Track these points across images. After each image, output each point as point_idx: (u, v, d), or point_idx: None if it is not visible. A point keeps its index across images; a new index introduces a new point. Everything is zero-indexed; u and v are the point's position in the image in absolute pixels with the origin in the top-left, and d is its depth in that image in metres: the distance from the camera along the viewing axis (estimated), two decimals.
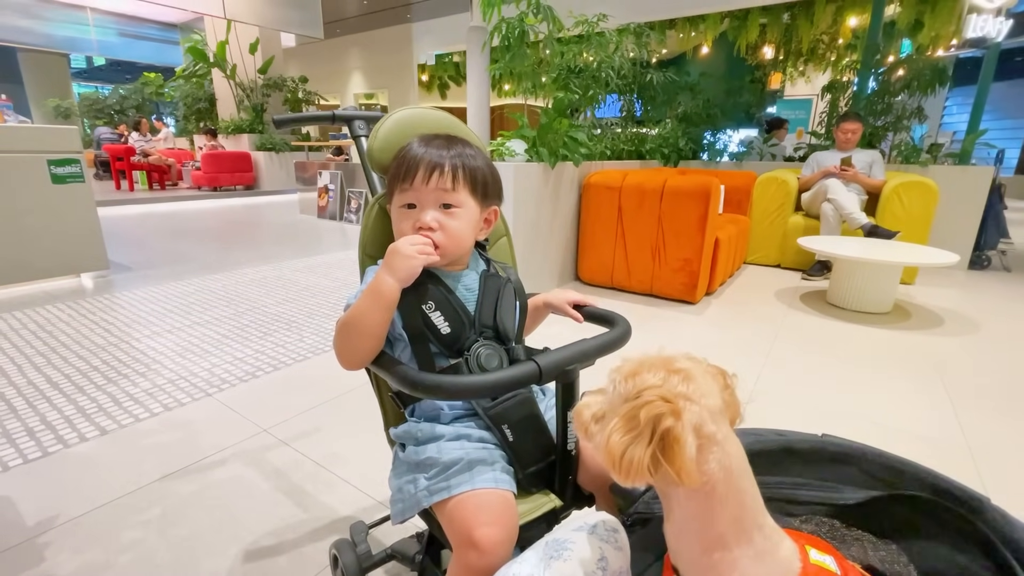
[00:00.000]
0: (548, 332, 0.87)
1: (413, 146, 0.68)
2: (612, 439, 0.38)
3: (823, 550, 0.44)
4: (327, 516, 1.14)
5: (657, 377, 0.40)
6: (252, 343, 2.10)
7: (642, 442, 0.37)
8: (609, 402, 0.43)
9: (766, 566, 0.40)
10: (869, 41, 4.37)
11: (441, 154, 0.67)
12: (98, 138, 9.31)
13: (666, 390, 0.39)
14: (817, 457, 0.59)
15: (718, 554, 0.40)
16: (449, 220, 0.67)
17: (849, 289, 2.69)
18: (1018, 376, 1.93)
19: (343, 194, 5.58)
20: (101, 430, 1.45)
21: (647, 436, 0.37)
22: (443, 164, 0.66)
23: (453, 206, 0.67)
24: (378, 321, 0.61)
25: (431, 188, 0.66)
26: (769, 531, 0.42)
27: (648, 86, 4.18)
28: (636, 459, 0.37)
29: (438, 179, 0.66)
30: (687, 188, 2.60)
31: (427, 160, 0.66)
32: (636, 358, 0.43)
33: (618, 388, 0.42)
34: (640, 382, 0.40)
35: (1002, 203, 3.71)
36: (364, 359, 0.62)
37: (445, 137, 0.71)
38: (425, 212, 0.66)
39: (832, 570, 0.42)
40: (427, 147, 0.68)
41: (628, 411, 0.39)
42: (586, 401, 0.44)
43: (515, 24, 2.90)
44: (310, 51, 12.44)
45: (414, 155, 0.67)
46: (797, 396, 1.74)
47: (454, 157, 0.67)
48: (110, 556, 1.02)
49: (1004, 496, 1.23)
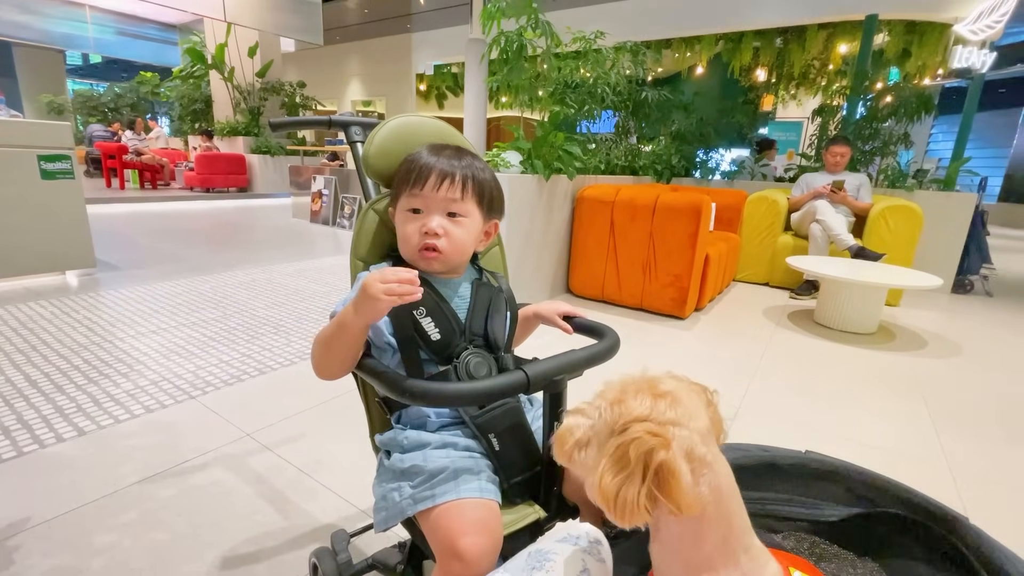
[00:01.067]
0: (537, 343, 0.87)
1: (424, 153, 0.69)
2: (604, 481, 0.36)
3: (806, 572, 0.44)
4: (308, 524, 1.12)
5: (643, 404, 0.39)
6: (239, 346, 2.07)
7: (635, 481, 0.36)
8: (593, 428, 0.42)
9: None
10: (858, 68, 4.49)
11: (453, 164, 0.68)
12: (90, 135, 9.23)
13: (653, 421, 0.38)
14: (800, 473, 0.59)
15: (705, 575, 0.40)
16: (454, 228, 0.68)
17: (836, 309, 2.73)
18: (998, 398, 1.96)
19: (337, 199, 5.57)
20: (79, 431, 1.42)
21: (639, 474, 0.36)
22: (455, 173, 0.68)
23: (459, 215, 0.69)
24: (345, 348, 0.62)
25: (440, 196, 0.67)
26: (755, 552, 0.42)
27: (643, 103, 4.24)
28: (631, 499, 0.36)
29: (448, 187, 0.67)
30: (679, 205, 2.63)
31: (439, 168, 0.67)
32: (619, 382, 0.42)
33: (603, 415, 0.41)
34: (626, 411, 0.39)
35: (984, 229, 3.79)
36: (335, 374, 0.64)
37: (455, 148, 0.72)
38: (431, 218, 0.67)
39: None
40: (439, 156, 0.69)
41: (617, 450, 0.37)
42: (569, 426, 0.43)
43: (514, 38, 2.93)
44: (309, 56, 12.48)
45: (426, 162, 0.68)
46: (783, 413, 1.75)
47: (465, 168, 0.69)
48: (82, 560, 0.99)
49: (982, 515, 1.24)
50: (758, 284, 3.80)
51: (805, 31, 7.10)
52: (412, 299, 0.55)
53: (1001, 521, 1.25)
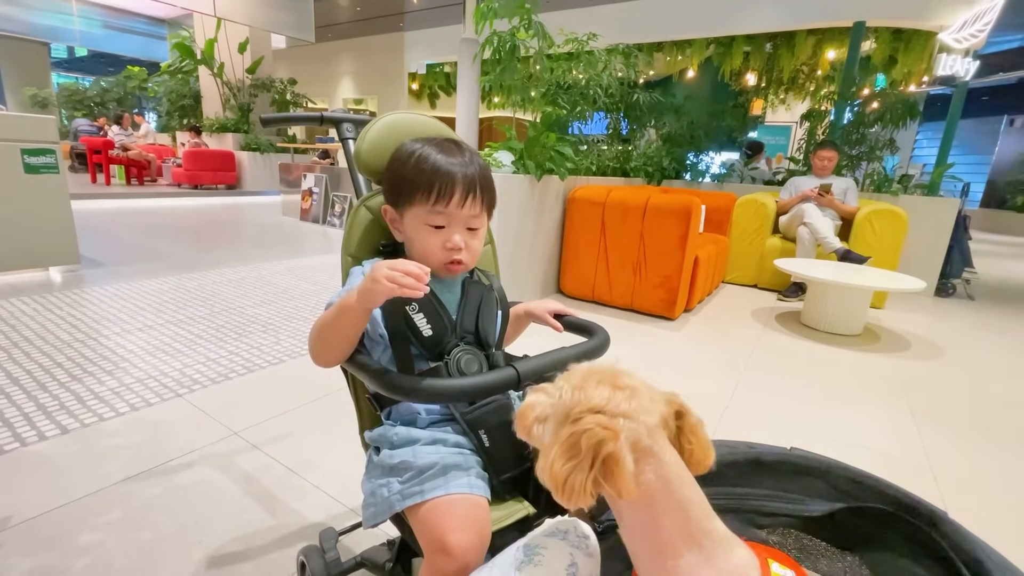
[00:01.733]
0: (529, 343, 0.87)
1: (435, 155, 0.67)
2: (555, 467, 0.39)
3: (786, 564, 0.45)
4: (296, 522, 1.11)
5: (602, 394, 0.40)
6: (227, 344, 2.05)
7: (584, 469, 0.38)
8: (553, 407, 0.43)
9: (718, 571, 0.41)
10: (846, 74, 4.56)
11: (471, 173, 0.67)
12: (76, 130, 9.09)
13: (606, 413, 0.39)
14: (785, 469, 0.60)
15: (671, 561, 0.41)
16: (472, 240, 0.70)
17: (822, 311, 2.76)
18: (978, 399, 2.00)
19: (327, 198, 5.54)
20: (62, 428, 1.39)
21: (588, 462, 0.38)
22: (476, 187, 0.67)
23: (477, 228, 0.70)
24: (342, 334, 0.61)
25: (465, 213, 0.68)
26: (719, 536, 0.43)
27: (635, 105, 4.27)
28: (578, 484, 0.38)
29: (471, 204, 0.68)
30: (669, 206, 2.65)
31: (462, 181, 0.66)
32: (585, 368, 0.44)
33: (563, 397, 0.42)
34: (584, 398, 0.40)
35: (967, 234, 3.87)
36: (332, 361, 0.64)
37: (454, 144, 0.71)
38: (455, 233, 0.68)
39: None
40: (452, 160, 0.67)
41: (570, 438, 0.39)
42: (530, 402, 0.45)
43: (507, 38, 2.94)
44: (300, 54, 12.39)
45: (448, 171, 0.66)
46: (770, 413, 1.77)
47: (480, 175, 0.69)
48: (65, 560, 0.97)
49: (962, 511, 1.27)
50: (746, 286, 3.84)
51: (795, 37, 7.19)
52: (413, 295, 0.54)
53: (979, 517, 1.28)
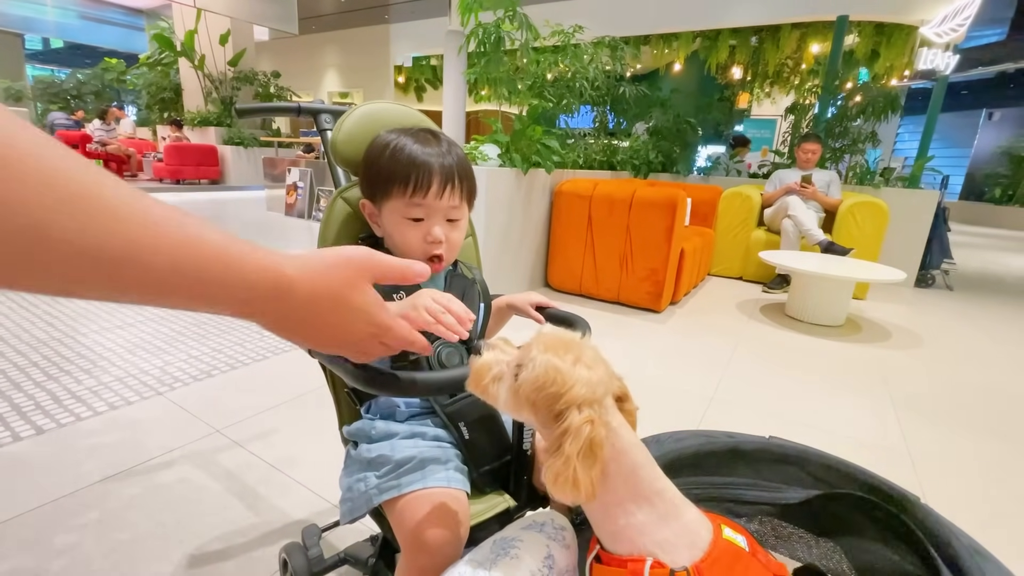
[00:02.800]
0: (514, 338, 0.87)
1: (411, 146, 0.65)
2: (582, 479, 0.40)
3: (736, 530, 0.46)
4: (279, 520, 1.10)
5: (580, 377, 0.42)
6: (209, 340, 2.02)
7: (596, 465, 0.40)
8: (509, 366, 0.45)
9: (671, 528, 0.43)
10: (829, 67, 4.60)
11: (449, 163, 0.65)
12: (52, 124, 8.85)
13: (590, 403, 0.41)
14: (762, 457, 0.61)
15: (623, 520, 0.43)
16: (452, 232, 0.68)
17: (806, 302, 2.80)
18: (957, 387, 2.04)
19: (312, 192, 5.47)
20: (37, 429, 1.36)
21: (597, 459, 0.41)
22: (454, 177, 0.65)
23: (457, 219, 0.68)
24: None
25: (443, 204, 0.66)
26: (670, 496, 0.45)
27: (621, 98, 4.26)
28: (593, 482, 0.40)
29: (450, 195, 0.66)
30: (655, 199, 2.66)
31: (439, 172, 0.64)
32: (549, 335, 0.45)
33: (535, 369, 0.43)
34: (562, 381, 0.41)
35: (946, 226, 3.94)
36: None
37: (431, 133, 0.69)
38: (434, 226, 0.66)
39: (741, 547, 0.44)
40: (428, 150, 0.65)
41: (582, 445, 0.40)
42: (486, 361, 0.46)
43: (491, 30, 2.91)
44: (284, 46, 12.19)
45: (424, 162, 0.64)
46: (753, 403, 1.79)
47: (458, 165, 0.67)
48: (41, 562, 0.95)
49: (939, 498, 1.30)
50: (732, 278, 3.88)
51: (780, 30, 7.24)
52: (448, 337, 0.52)
53: (955, 502, 1.31)
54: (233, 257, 0.29)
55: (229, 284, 0.29)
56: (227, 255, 0.29)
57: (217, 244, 0.29)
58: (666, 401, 1.76)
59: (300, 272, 0.32)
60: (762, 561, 0.45)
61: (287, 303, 0.32)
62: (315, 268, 0.33)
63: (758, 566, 0.44)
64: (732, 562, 0.43)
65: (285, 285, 0.31)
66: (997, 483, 1.41)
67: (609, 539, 0.45)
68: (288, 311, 0.32)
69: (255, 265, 0.30)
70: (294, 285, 0.32)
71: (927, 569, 0.47)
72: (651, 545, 0.43)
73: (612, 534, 0.44)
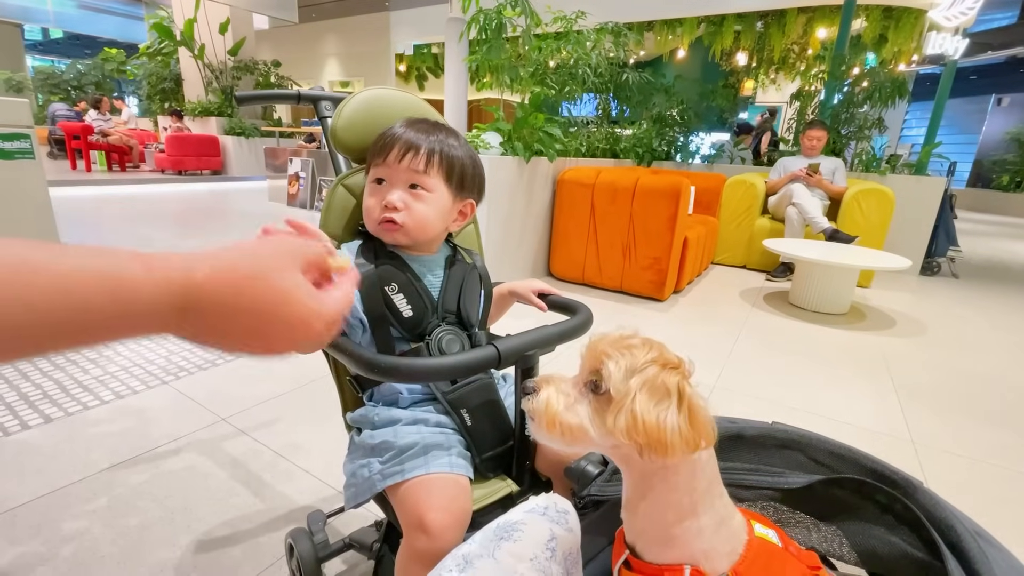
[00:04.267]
0: (517, 325, 0.87)
1: (396, 126, 0.68)
2: (646, 415, 0.36)
3: (766, 525, 0.46)
4: (285, 506, 1.11)
5: (645, 350, 0.39)
6: None
7: (675, 409, 0.36)
8: (576, 387, 0.42)
9: (722, 535, 0.42)
10: (836, 52, 4.52)
11: (420, 137, 0.66)
12: (53, 114, 8.84)
13: (662, 364, 0.38)
14: (765, 443, 0.60)
15: (688, 522, 0.41)
16: (416, 203, 0.66)
17: (810, 290, 2.79)
18: (960, 375, 2.04)
19: (314, 182, 5.46)
20: (45, 418, 1.38)
21: (676, 402, 0.37)
22: (420, 146, 0.66)
23: (422, 188, 0.66)
24: None
25: (403, 167, 0.65)
26: (727, 499, 0.44)
27: (624, 86, 4.22)
28: (674, 426, 0.36)
29: (411, 159, 0.65)
30: (658, 187, 2.64)
31: (404, 139, 0.66)
32: (602, 337, 0.42)
33: (618, 366, 0.39)
34: (632, 359, 0.39)
35: (952, 213, 3.90)
36: None
37: (431, 122, 0.70)
38: (393, 191, 0.66)
39: (774, 542, 0.43)
40: (408, 128, 0.67)
41: (646, 384, 0.37)
42: (549, 394, 0.41)
43: (493, 16, 2.88)
44: (284, 35, 12.09)
45: (393, 133, 0.67)
46: (756, 391, 1.79)
47: (433, 142, 0.67)
48: (50, 547, 0.97)
49: (941, 482, 1.30)
50: (735, 267, 3.86)
51: (785, 15, 7.12)
52: None
53: (959, 488, 1.31)
54: (123, 280, 0.26)
55: (124, 312, 0.26)
56: (113, 281, 0.26)
57: (99, 272, 0.25)
58: None
59: (213, 270, 0.29)
60: (794, 554, 0.44)
61: (200, 306, 0.28)
62: (230, 259, 0.30)
63: (792, 560, 0.43)
64: (768, 560, 0.42)
65: (194, 291, 0.28)
66: (1000, 470, 1.41)
67: (653, 545, 0.42)
68: (204, 316, 0.29)
69: (151, 282, 0.27)
70: (204, 287, 0.28)
71: (930, 552, 0.47)
72: (699, 553, 0.40)
73: (660, 540, 0.41)
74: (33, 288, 0.23)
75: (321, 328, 0.33)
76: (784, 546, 0.44)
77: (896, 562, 0.50)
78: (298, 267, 0.33)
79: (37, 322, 0.23)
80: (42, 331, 0.24)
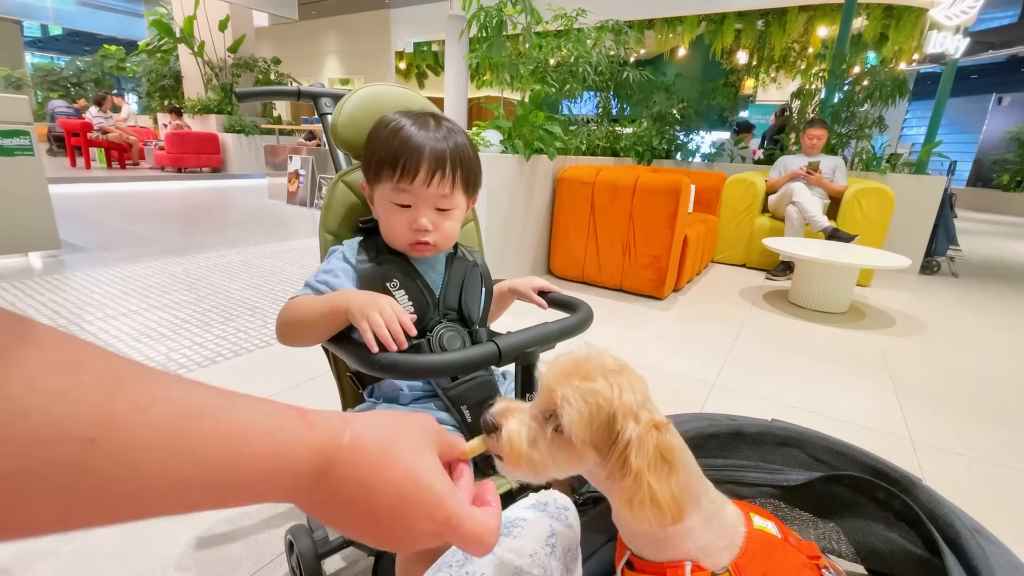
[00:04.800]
0: (518, 324, 0.87)
1: (407, 128, 0.64)
2: (663, 493, 0.37)
3: (765, 517, 0.46)
4: (285, 503, 1.11)
5: (622, 388, 0.39)
6: (213, 328, 2.03)
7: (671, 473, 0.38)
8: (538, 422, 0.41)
9: (714, 530, 0.42)
10: (837, 51, 4.52)
11: (441, 148, 0.63)
12: (52, 111, 8.82)
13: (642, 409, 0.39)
14: (765, 440, 0.61)
15: (677, 524, 0.41)
16: (444, 221, 0.67)
17: (809, 289, 2.79)
18: (960, 374, 2.04)
19: (314, 180, 5.45)
20: None
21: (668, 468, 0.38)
22: (445, 164, 0.63)
23: (449, 209, 0.67)
24: (326, 332, 0.61)
25: (431, 192, 0.64)
26: (713, 495, 0.44)
27: (624, 84, 4.21)
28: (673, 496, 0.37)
29: (439, 183, 0.64)
30: (658, 186, 2.64)
31: (429, 157, 0.62)
32: (559, 366, 0.41)
33: (568, 407, 0.38)
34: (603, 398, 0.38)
35: (952, 212, 3.90)
36: (303, 346, 0.64)
37: (434, 117, 0.67)
38: (421, 214, 0.65)
39: (774, 534, 0.44)
40: (423, 133, 0.63)
41: (652, 461, 0.37)
42: (512, 431, 0.40)
43: (494, 14, 2.87)
44: (284, 32, 12.07)
45: (415, 146, 0.62)
46: (756, 389, 1.79)
47: (453, 151, 0.64)
48: (53, 544, 0.97)
49: (940, 480, 1.30)
50: (735, 265, 3.86)
51: (786, 13, 7.12)
52: (388, 344, 0.53)
53: (957, 486, 1.31)
54: (284, 438, 0.25)
55: (275, 475, 0.24)
56: (277, 436, 0.24)
57: (264, 430, 0.24)
58: (669, 387, 1.77)
59: (363, 429, 0.28)
60: (794, 544, 0.45)
61: (339, 472, 0.27)
62: (377, 423, 0.29)
63: (792, 551, 0.43)
64: (768, 552, 0.42)
65: (339, 453, 0.27)
66: (999, 468, 1.41)
67: (648, 546, 0.43)
68: (341, 486, 0.27)
69: (304, 442, 0.26)
70: (348, 452, 0.27)
71: (928, 549, 0.47)
72: (695, 551, 0.41)
73: (654, 541, 0.42)
74: (204, 442, 0.20)
75: (441, 519, 0.29)
76: (784, 537, 0.44)
77: (894, 558, 0.50)
78: (433, 449, 0.31)
79: (196, 478, 0.20)
80: (192, 490, 0.20)
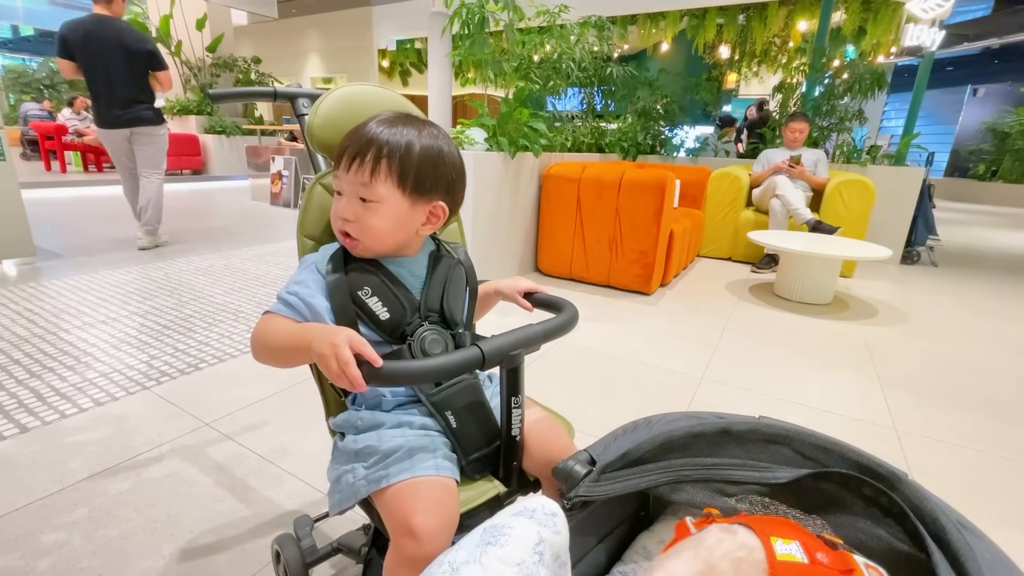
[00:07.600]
0: (504, 323, 0.86)
1: (358, 126, 0.65)
2: None
3: (787, 538, 0.43)
4: (271, 511, 1.09)
5: None
6: (196, 334, 1.99)
7: None
8: None
9: None
10: (816, 45, 4.56)
11: (374, 137, 0.62)
12: (25, 115, 8.59)
13: None
14: (752, 438, 0.60)
15: None
16: (365, 214, 0.63)
17: (794, 281, 2.82)
18: (941, 363, 2.08)
19: (298, 181, 5.38)
20: (21, 427, 1.34)
21: None
22: (366, 152, 0.61)
23: (370, 200, 0.63)
24: (294, 362, 0.60)
25: (351, 179, 0.63)
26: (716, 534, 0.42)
27: (608, 80, 4.21)
28: None
29: (357, 170, 0.62)
30: (644, 181, 2.64)
31: (353, 145, 0.62)
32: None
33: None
34: None
35: (931, 202, 3.97)
36: (276, 367, 0.62)
37: (399, 116, 0.65)
38: (342, 203, 0.64)
39: (799, 560, 0.40)
40: (367, 126, 0.63)
41: None
42: None
43: (476, 10, 2.85)
44: (264, 30, 11.88)
45: (351, 133, 0.64)
46: (743, 383, 1.81)
47: (391, 142, 0.62)
48: (27, 561, 0.94)
49: (924, 472, 1.32)
50: (721, 259, 3.89)
51: (767, 8, 7.18)
52: (350, 389, 0.52)
53: (941, 476, 1.33)
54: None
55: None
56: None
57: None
58: (657, 382, 1.77)
59: None
60: (824, 564, 0.40)
61: None
62: None
63: (824, 573, 0.39)
64: None
65: None
66: (980, 455, 1.44)
67: None
68: None
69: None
70: None
71: (915, 544, 0.47)
72: None
73: None
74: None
75: None
76: (811, 560, 0.41)
77: (882, 554, 0.50)
78: None
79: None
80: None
